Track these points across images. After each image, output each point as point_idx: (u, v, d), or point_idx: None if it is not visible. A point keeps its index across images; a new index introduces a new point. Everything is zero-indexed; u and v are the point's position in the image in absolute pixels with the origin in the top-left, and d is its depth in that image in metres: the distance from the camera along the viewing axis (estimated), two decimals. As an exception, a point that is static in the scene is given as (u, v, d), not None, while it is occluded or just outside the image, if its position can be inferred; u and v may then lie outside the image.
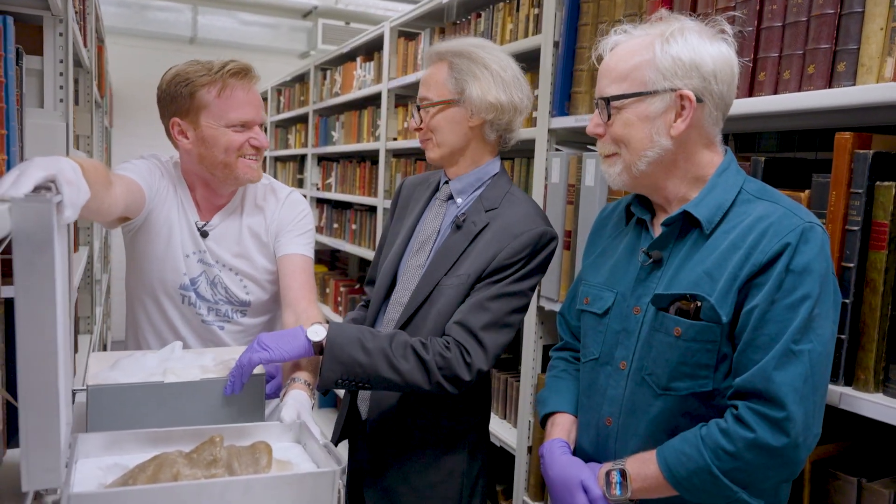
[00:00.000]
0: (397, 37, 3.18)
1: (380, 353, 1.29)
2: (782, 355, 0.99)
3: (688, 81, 1.07)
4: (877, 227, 1.11)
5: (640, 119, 1.09)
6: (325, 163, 4.34)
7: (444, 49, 1.48)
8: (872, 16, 1.14)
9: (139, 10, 6.16)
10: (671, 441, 1.08)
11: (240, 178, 1.54)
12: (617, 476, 1.09)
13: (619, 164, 1.14)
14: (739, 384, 1.02)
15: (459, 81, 1.43)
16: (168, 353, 1.29)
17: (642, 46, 1.10)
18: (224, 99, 1.47)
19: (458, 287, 1.39)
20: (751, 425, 0.99)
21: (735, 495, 1.02)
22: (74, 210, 0.84)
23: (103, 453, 0.97)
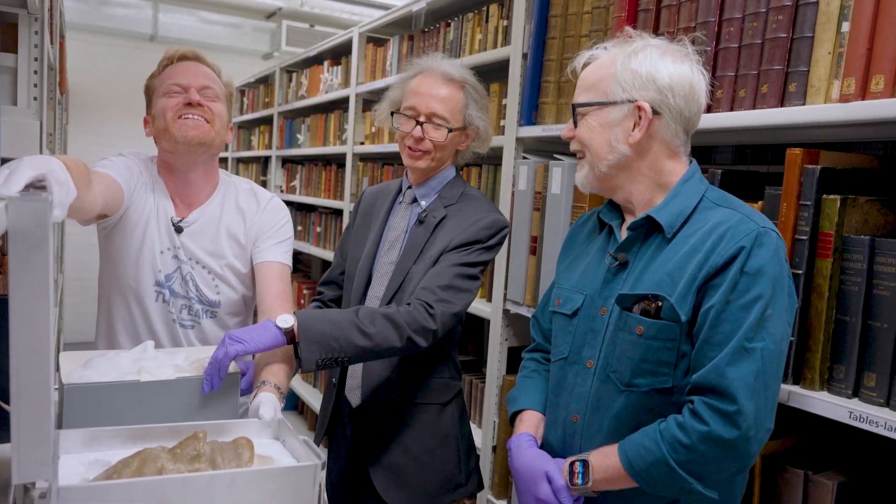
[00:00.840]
0: (366, 42, 3.21)
1: (349, 324, 1.38)
2: (735, 352, 1.05)
3: (644, 94, 1.16)
4: (823, 237, 1.19)
5: (601, 125, 1.19)
6: (289, 165, 4.33)
7: (458, 75, 1.62)
8: (821, 41, 1.22)
9: (98, 6, 6.03)
10: (632, 435, 1.13)
11: (178, 139, 1.51)
12: (580, 466, 1.15)
13: (586, 166, 1.24)
14: (695, 380, 1.09)
15: (472, 112, 1.62)
16: (140, 353, 1.30)
17: (609, 61, 1.20)
18: (164, 75, 1.54)
19: (424, 270, 1.55)
20: (704, 419, 1.05)
21: (690, 486, 1.08)
22: (63, 209, 0.86)
23: (84, 449, 0.98)
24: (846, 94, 1.16)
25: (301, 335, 1.34)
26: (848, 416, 1.13)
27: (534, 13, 1.91)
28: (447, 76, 1.60)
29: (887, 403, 1.12)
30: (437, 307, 1.45)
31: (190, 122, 1.51)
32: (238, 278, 1.63)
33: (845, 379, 1.18)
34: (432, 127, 1.58)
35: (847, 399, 1.17)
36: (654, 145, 1.18)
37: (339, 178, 3.52)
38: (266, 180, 4.71)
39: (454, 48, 2.48)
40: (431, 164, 1.62)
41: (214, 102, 1.55)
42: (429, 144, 1.59)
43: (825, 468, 1.24)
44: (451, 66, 1.62)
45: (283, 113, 4.41)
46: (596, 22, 1.74)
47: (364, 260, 1.67)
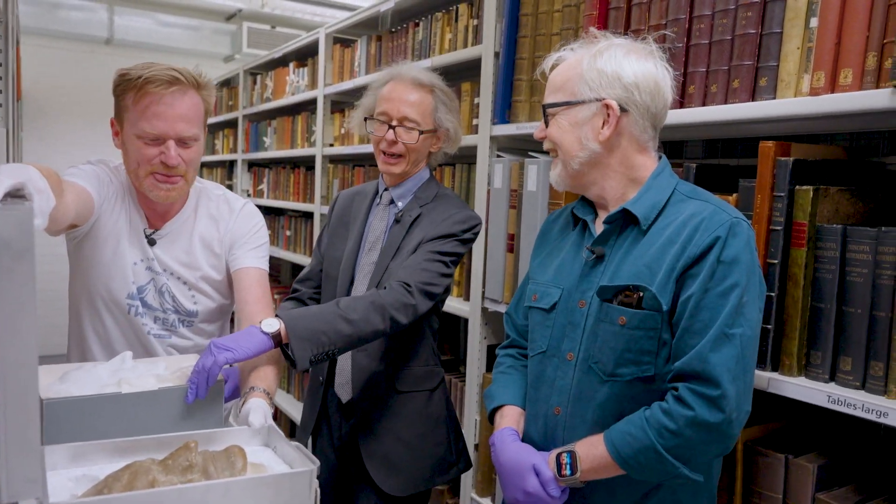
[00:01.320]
0: (333, 43, 3.19)
1: (333, 316, 1.42)
2: (717, 339, 1.08)
3: (611, 92, 1.19)
4: (797, 226, 1.23)
5: (571, 124, 1.22)
6: (255, 169, 4.27)
7: (427, 80, 1.69)
8: (790, 36, 1.26)
9: (51, 9, 5.86)
10: (617, 424, 1.15)
11: (149, 195, 1.47)
12: (567, 458, 1.16)
13: (559, 165, 1.27)
14: (679, 367, 1.11)
15: (441, 115, 1.69)
16: (119, 364, 1.27)
17: (575, 62, 1.24)
18: (139, 107, 1.40)
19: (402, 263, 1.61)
20: (690, 404, 1.08)
21: (677, 471, 1.10)
22: (44, 218, 0.84)
23: (70, 465, 0.95)
24: (816, 87, 1.19)
25: (290, 335, 1.36)
26: (827, 399, 1.16)
27: (505, 12, 1.92)
28: (417, 81, 1.68)
29: (863, 386, 1.16)
30: (414, 284, 1.52)
31: (162, 185, 1.44)
32: (214, 287, 1.60)
33: (822, 364, 1.21)
34: (404, 130, 1.65)
35: (824, 383, 1.20)
36: (622, 141, 1.21)
37: (308, 181, 3.48)
38: (232, 184, 4.64)
39: (423, 48, 2.47)
40: (406, 167, 1.69)
41: (191, 149, 1.46)
42: (402, 147, 1.65)
43: (805, 451, 1.27)
44: (420, 71, 1.70)
45: (249, 116, 4.35)
46: (567, 20, 1.76)
47: (346, 260, 1.73)
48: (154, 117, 1.40)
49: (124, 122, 1.44)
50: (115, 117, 1.48)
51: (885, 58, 1.10)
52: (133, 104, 1.41)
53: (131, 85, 1.40)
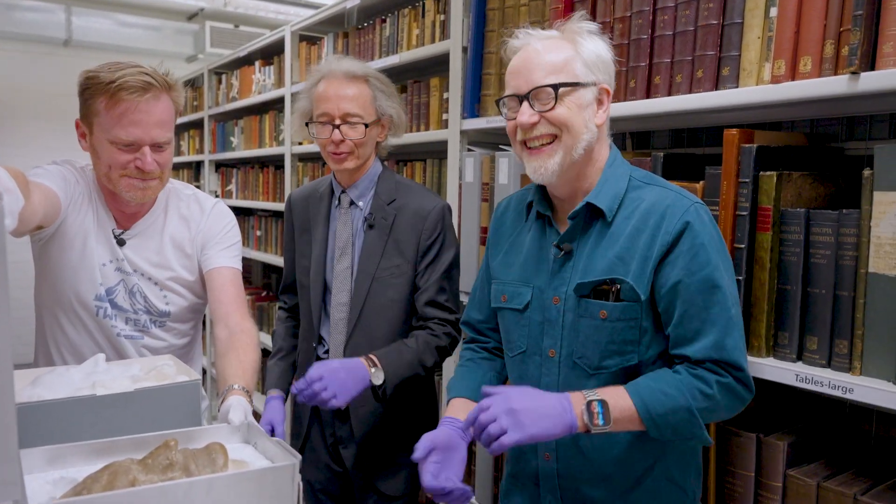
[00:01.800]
0: (298, 41, 3.16)
1: (416, 364, 1.58)
2: (726, 324, 1.12)
3: (604, 76, 1.21)
4: (762, 211, 1.26)
5: (578, 106, 1.18)
6: (223, 169, 4.22)
7: (360, 71, 1.64)
8: (751, 26, 1.29)
9: (5, 11, 5.70)
10: (641, 381, 1.13)
11: (122, 196, 1.46)
12: (599, 406, 1.09)
13: (559, 151, 1.17)
14: (698, 356, 1.11)
15: (381, 103, 1.65)
16: (92, 367, 1.25)
17: (563, 42, 1.20)
18: (112, 114, 1.38)
19: (401, 276, 1.65)
20: (721, 373, 1.11)
21: (701, 433, 1.13)
22: (14, 218, 0.82)
23: (48, 467, 0.94)
24: (777, 75, 1.23)
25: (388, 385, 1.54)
26: (794, 378, 1.20)
27: (472, 7, 1.94)
28: (350, 74, 1.63)
29: (829, 364, 1.20)
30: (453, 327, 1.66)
31: (137, 183, 1.43)
32: (186, 287, 1.59)
33: (789, 344, 1.25)
34: (349, 127, 1.61)
35: (792, 363, 1.24)
36: (604, 127, 1.23)
37: (277, 180, 3.46)
38: (200, 185, 4.58)
39: (391, 44, 2.47)
40: (358, 161, 1.65)
41: (165, 151, 1.45)
42: (350, 144, 1.62)
43: (775, 430, 1.31)
44: (350, 63, 1.65)
45: (214, 116, 4.29)
46: (533, 13, 1.78)
47: (315, 268, 1.71)
48: (130, 125, 1.38)
49: (94, 126, 1.42)
50: (81, 119, 1.45)
51: (842, 45, 1.14)
52: (105, 109, 1.38)
53: (102, 89, 1.37)
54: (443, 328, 1.64)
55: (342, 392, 1.44)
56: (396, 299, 1.65)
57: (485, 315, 1.43)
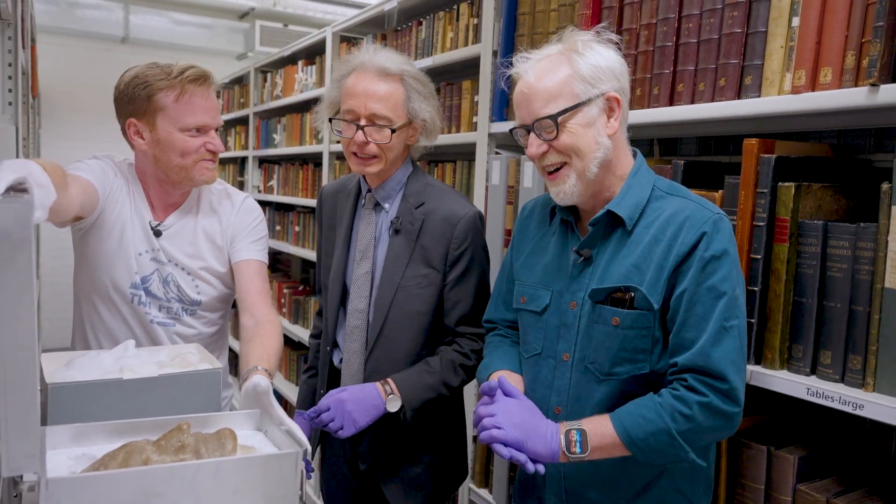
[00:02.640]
0: (339, 42, 3.23)
1: (440, 386, 1.52)
2: (716, 333, 1.11)
3: (609, 84, 1.20)
4: (779, 222, 1.25)
5: (583, 126, 1.19)
6: (266, 165, 4.34)
7: (395, 68, 1.50)
8: (774, 35, 1.28)
9: (68, 8, 5.97)
10: (625, 407, 1.16)
11: (195, 180, 1.58)
12: (577, 435, 1.14)
13: (572, 175, 1.20)
14: (682, 363, 1.13)
15: (415, 105, 1.53)
16: (122, 352, 1.32)
17: (557, 64, 1.20)
18: (182, 104, 1.51)
19: (428, 286, 1.55)
20: (702, 391, 1.10)
21: (686, 455, 1.13)
22: (44, 211, 0.88)
23: (71, 444, 1.00)
24: (797, 85, 1.21)
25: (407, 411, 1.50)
26: (806, 392, 1.18)
27: (503, 11, 1.96)
28: (383, 71, 1.49)
29: (842, 379, 1.18)
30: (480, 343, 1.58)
31: (209, 164, 1.57)
32: (217, 277, 1.66)
33: (803, 357, 1.24)
34: (375, 129, 1.49)
35: (805, 377, 1.23)
36: (619, 133, 1.23)
37: (316, 178, 3.54)
38: (243, 181, 4.71)
39: (426, 46, 2.51)
40: (382, 166, 1.53)
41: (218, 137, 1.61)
42: (374, 148, 1.50)
43: (787, 443, 1.30)
44: (386, 58, 1.51)
45: (259, 113, 4.41)
46: (562, 19, 1.79)
47: (335, 270, 1.64)
48: (199, 111, 1.53)
49: (158, 120, 1.52)
50: (137, 118, 1.53)
51: (863, 56, 1.12)
52: (174, 101, 1.51)
53: (167, 84, 1.50)
54: (473, 345, 1.55)
55: (348, 424, 1.44)
56: (422, 311, 1.54)
57: (506, 314, 1.44)
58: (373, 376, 1.56)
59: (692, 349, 1.12)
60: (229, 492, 0.91)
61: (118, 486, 0.85)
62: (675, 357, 1.15)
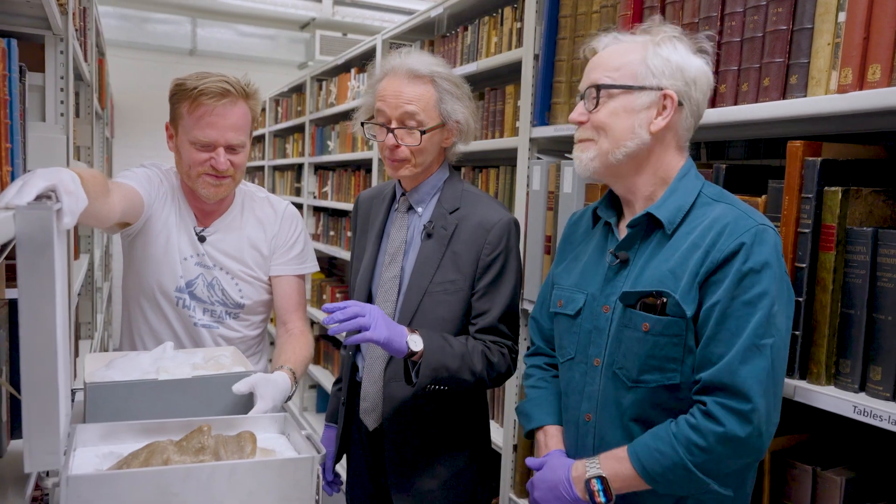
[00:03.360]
0: (389, 49, 3.26)
1: (461, 360, 1.44)
2: (747, 350, 1.05)
3: (673, 83, 1.16)
4: (826, 229, 1.18)
5: (626, 110, 1.16)
6: (321, 171, 4.42)
7: (425, 69, 1.49)
8: (821, 32, 1.21)
9: (140, 23, 6.27)
10: (642, 438, 1.13)
11: (200, 194, 1.59)
12: (598, 484, 1.13)
13: (593, 150, 1.19)
14: (707, 379, 1.08)
15: (448, 106, 1.51)
16: (160, 353, 1.37)
17: (635, 46, 1.19)
18: (194, 117, 1.51)
19: (456, 293, 1.51)
20: (720, 420, 1.05)
21: (707, 486, 1.08)
22: (73, 217, 0.92)
23: (100, 442, 1.04)
24: (843, 84, 1.14)
25: (423, 360, 1.40)
26: (852, 410, 1.11)
27: (544, 14, 1.93)
28: (413, 73, 1.48)
29: (893, 397, 1.10)
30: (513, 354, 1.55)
31: (211, 180, 1.56)
32: (260, 282, 1.70)
33: (851, 373, 1.16)
34: (406, 132, 1.48)
35: (854, 393, 1.15)
36: (668, 136, 1.19)
37: (367, 184, 3.58)
38: (300, 187, 4.81)
39: (471, 52, 2.51)
40: (415, 170, 1.53)
41: (238, 154, 1.57)
42: (405, 151, 1.49)
43: (834, 464, 1.22)
44: (418, 60, 1.50)
45: (314, 120, 4.50)
46: (605, 21, 1.75)
47: (363, 274, 1.61)
48: (207, 126, 1.51)
49: (178, 128, 1.56)
50: (170, 122, 1.60)
51: (915, 52, 1.05)
52: (188, 113, 1.52)
53: (186, 95, 1.52)
54: (499, 349, 1.52)
55: (377, 327, 1.34)
56: (447, 318, 1.51)
57: (550, 321, 1.41)
58: (391, 383, 1.54)
59: (718, 365, 1.07)
60: (244, 494, 0.92)
61: (136, 484, 0.87)
62: (700, 372, 1.10)
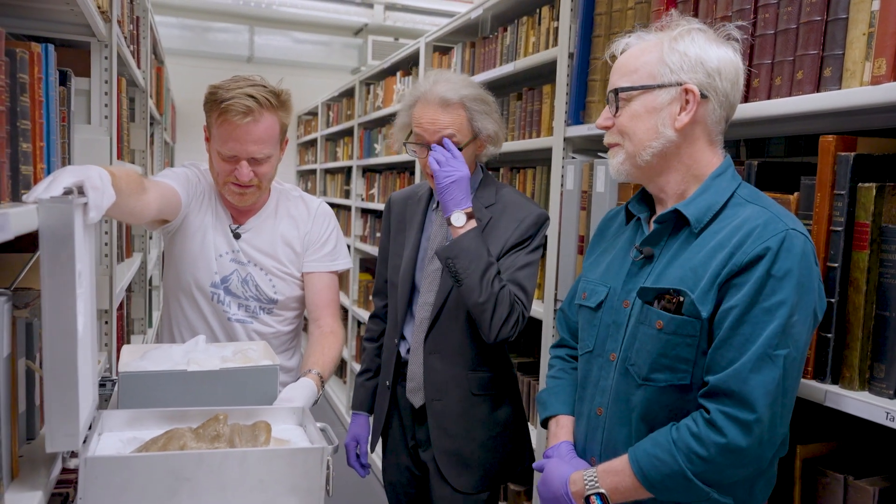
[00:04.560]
0: (432, 51, 3.29)
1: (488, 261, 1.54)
2: (759, 358, 1.02)
3: (693, 76, 1.13)
4: (859, 227, 1.13)
5: (647, 110, 1.15)
6: (368, 174, 4.49)
7: (455, 97, 1.61)
8: (856, 21, 1.16)
9: (201, 33, 6.51)
10: (642, 444, 1.11)
11: (227, 199, 1.67)
12: (598, 501, 1.13)
13: (621, 154, 1.19)
14: (714, 383, 1.05)
15: (479, 124, 1.65)
16: (192, 346, 1.42)
17: (652, 45, 1.18)
18: (219, 130, 1.56)
19: None
20: (723, 430, 1.03)
21: (707, 495, 1.06)
22: (98, 211, 0.97)
23: (125, 428, 1.09)
24: (877, 75, 1.09)
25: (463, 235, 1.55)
26: (885, 416, 1.06)
27: (579, 12, 1.91)
28: (444, 102, 1.61)
29: (930, 404, 1.04)
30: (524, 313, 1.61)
31: (236, 190, 1.61)
32: (293, 279, 1.74)
33: (886, 378, 1.11)
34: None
35: (889, 399, 1.10)
36: (696, 131, 1.16)
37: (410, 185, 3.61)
38: (349, 189, 4.89)
39: (510, 52, 2.50)
40: None
41: (263, 165, 1.60)
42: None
43: (867, 473, 1.17)
44: (446, 87, 1.62)
45: (363, 124, 4.57)
46: (639, 17, 1.72)
47: (405, 268, 1.73)
48: (231, 141, 1.56)
49: (211, 134, 1.62)
50: (207, 126, 1.65)
51: (952, 40, 1.00)
52: (216, 124, 1.58)
53: (215, 108, 1.57)
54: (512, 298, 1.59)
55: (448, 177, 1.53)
56: None
57: (577, 315, 1.40)
58: (431, 356, 1.68)
59: (728, 370, 1.04)
60: (255, 481, 0.95)
61: (150, 468, 0.91)
62: (708, 375, 1.07)
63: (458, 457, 1.69)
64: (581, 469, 1.19)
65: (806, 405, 1.21)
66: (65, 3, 1.28)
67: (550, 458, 1.27)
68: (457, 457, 1.69)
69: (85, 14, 1.29)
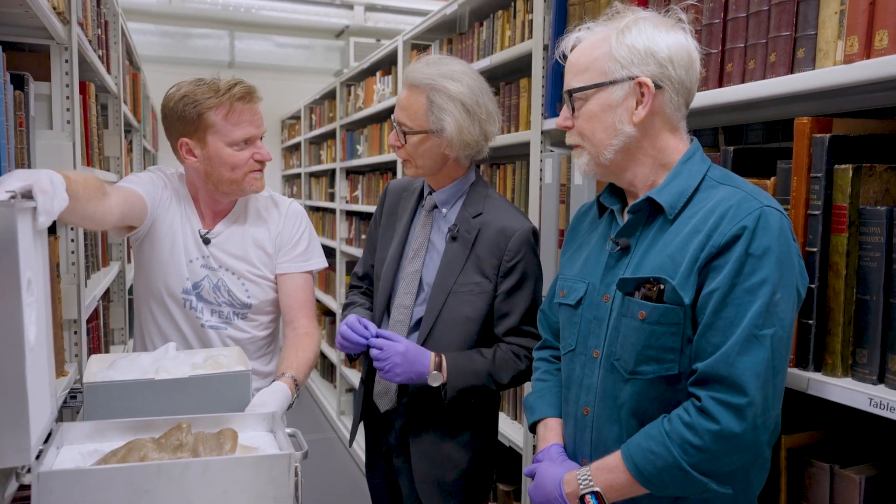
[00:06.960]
0: (410, 49, 3.26)
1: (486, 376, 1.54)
2: (745, 340, 1.00)
3: (644, 69, 1.11)
4: (837, 210, 1.11)
5: (603, 108, 1.13)
6: (352, 176, 4.45)
7: (423, 81, 1.55)
8: (828, 0, 1.14)
9: (181, 39, 6.46)
10: (635, 438, 1.09)
11: (246, 191, 1.64)
12: (593, 500, 1.10)
13: (585, 155, 1.18)
14: (703, 370, 1.03)
15: (438, 119, 1.54)
16: (162, 354, 1.38)
17: (600, 40, 1.15)
18: (231, 122, 1.56)
19: (480, 294, 1.58)
20: (715, 416, 1.00)
21: (705, 486, 1.03)
22: (48, 216, 0.93)
23: (86, 440, 1.05)
24: (850, 54, 1.07)
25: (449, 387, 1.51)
26: (868, 402, 1.03)
27: (553, 4, 1.88)
28: (411, 82, 1.58)
29: (915, 388, 1.02)
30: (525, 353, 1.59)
31: (258, 174, 1.63)
32: (266, 281, 1.70)
33: (869, 363, 1.08)
34: (396, 132, 1.60)
35: (872, 385, 1.07)
36: (656, 122, 1.14)
37: (394, 185, 3.58)
38: (333, 192, 4.85)
39: (487, 47, 2.47)
40: (417, 171, 1.62)
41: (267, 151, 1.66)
42: (404, 151, 1.60)
43: (853, 462, 1.14)
44: (420, 70, 1.57)
45: (345, 125, 4.53)
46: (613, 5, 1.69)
47: (388, 264, 1.69)
48: (243, 125, 1.58)
49: (208, 137, 1.57)
50: (189, 137, 1.58)
51: (924, 14, 0.97)
52: (224, 119, 1.56)
53: (216, 104, 1.55)
54: (526, 353, 1.56)
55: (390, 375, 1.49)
56: (472, 317, 1.58)
57: (557, 314, 1.37)
58: None
59: (715, 355, 1.01)
60: (219, 491, 0.91)
61: (108, 481, 0.87)
62: (696, 362, 1.04)
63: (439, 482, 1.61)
64: (573, 469, 1.16)
65: (790, 394, 1.18)
66: (19, 5, 1.24)
67: (541, 462, 1.23)
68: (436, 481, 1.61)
69: (39, 16, 1.25)
